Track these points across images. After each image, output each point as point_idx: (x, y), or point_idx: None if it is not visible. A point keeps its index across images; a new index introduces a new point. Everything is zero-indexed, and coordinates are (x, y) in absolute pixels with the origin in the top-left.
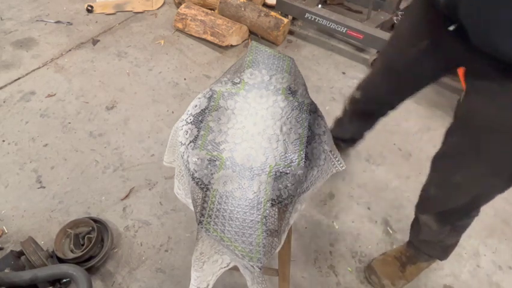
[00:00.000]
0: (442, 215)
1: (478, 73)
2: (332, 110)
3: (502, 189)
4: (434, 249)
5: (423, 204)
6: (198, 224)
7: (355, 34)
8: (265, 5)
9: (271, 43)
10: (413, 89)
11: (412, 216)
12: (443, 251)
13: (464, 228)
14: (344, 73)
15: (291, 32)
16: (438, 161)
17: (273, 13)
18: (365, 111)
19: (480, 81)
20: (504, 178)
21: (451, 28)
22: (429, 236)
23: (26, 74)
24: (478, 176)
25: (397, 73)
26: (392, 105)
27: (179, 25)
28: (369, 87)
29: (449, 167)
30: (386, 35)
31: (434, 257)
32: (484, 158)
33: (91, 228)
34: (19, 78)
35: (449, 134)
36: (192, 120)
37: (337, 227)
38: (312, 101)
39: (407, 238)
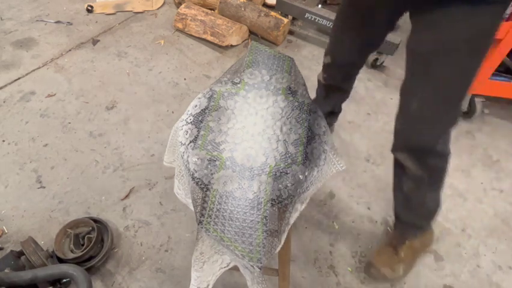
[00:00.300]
0: (415, 153)
1: (420, 7)
2: None
3: (454, 119)
4: (417, 216)
5: (396, 141)
6: (198, 224)
7: None
8: (265, 5)
9: (271, 43)
10: (374, 38)
11: None
12: (426, 218)
13: (440, 174)
14: None
15: (291, 32)
16: (400, 94)
17: (273, 13)
18: (338, 76)
19: (422, 13)
20: (453, 105)
21: None
22: (411, 184)
23: (26, 74)
24: (431, 104)
25: (357, 24)
26: (360, 62)
27: (179, 25)
28: (335, 48)
29: (407, 96)
30: None
31: (419, 227)
32: (433, 83)
33: (91, 228)
34: (19, 78)
35: (406, 68)
36: (192, 120)
37: (337, 227)
38: (312, 101)
39: None
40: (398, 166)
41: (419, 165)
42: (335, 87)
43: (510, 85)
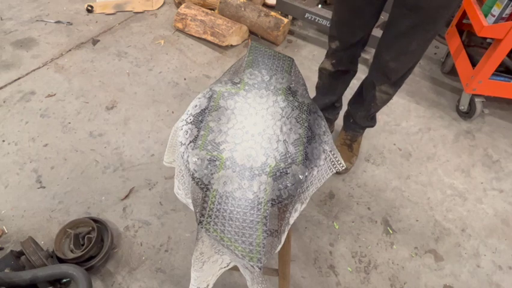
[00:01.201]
0: (398, 80)
1: None
2: None
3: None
4: (370, 120)
5: (385, 76)
6: (198, 224)
7: None
8: (265, 5)
9: (271, 43)
10: (376, 8)
11: (412, 216)
12: (374, 118)
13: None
14: None
15: (291, 32)
16: (394, 40)
17: (273, 13)
18: (346, 59)
19: None
20: (437, 31)
21: None
22: (382, 103)
23: (26, 74)
24: (427, 39)
25: (359, 1)
26: (366, 37)
27: (179, 25)
28: (342, 30)
29: (408, 41)
30: None
31: (369, 127)
32: (436, 27)
33: (91, 228)
34: (19, 78)
35: (401, 19)
36: (192, 120)
37: (337, 227)
38: (312, 101)
39: (407, 238)
40: (372, 94)
41: (396, 88)
42: (343, 71)
43: (510, 85)
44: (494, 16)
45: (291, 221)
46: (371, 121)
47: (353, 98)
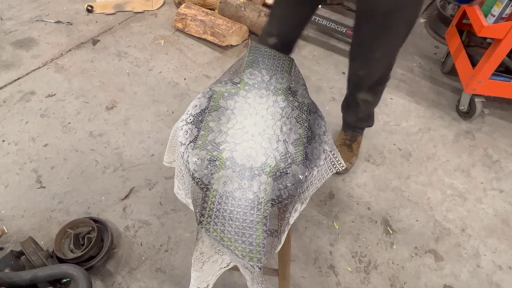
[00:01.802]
0: (372, 87)
1: None
2: (332, 110)
3: (400, 46)
4: (365, 121)
5: (358, 85)
6: (198, 224)
7: None
8: (265, 5)
9: None
10: (313, 4)
11: (412, 216)
12: (370, 118)
13: (383, 90)
14: (344, 73)
15: None
16: (358, 50)
17: None
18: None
19: None
20: (403, 39)
21: None
22: (367, 109)
23: (26, 74)
24: (391, 49)
25: None
26: (302, 33)
27: (179, 25)
28: (281, 26)
29: (369, 49)
30: None
31: (366, 127)
32: (393, 33)
33: (91, 228)
34: (19, 78)
35: (360, 27)
36: (192, 120)
37: (337, 227)
38: (312, 101)
39: (407, 238)
40: (353, 105)
41: (375, 95)
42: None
43: (510, 85)
44: (494, 16)
45: (291, 221)
46: (368, 121)
47: (343, 103)
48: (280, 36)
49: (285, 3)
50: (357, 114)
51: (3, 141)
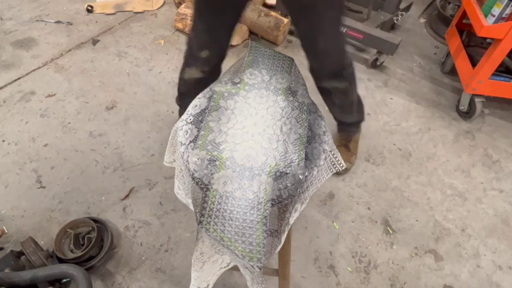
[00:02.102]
0: (334, 73)
1: None
2: None
3: (344, 38)
4: (353, 115)
5: (320, 76)
6: (198, 224)
7: (355, 34)
8: (265, 5)
9: (271, 43)
10: (240, 10)
11: (412, 216)
12: (359, 111)
13: (354, 77)
14: None
15: (291, 32)
16: (304, 44)
17: (273, 13)
18: (218, 65)
19: None
20: (341, 29)
21: None
22: (341, 96)
23: (26, 74)
24: (331, 36)
25: (223, 4)
26: (229, 41)
27: (179, 25)
28: (211, 37)
29: (312, 42)
30: (386, 35)
31: (357, 122)
32: (325, 21)
33: (91, 228)
34: (19, 78)
35: (295, 23)
36: (192, 120)
37: (337, 227)
38: (312, 101)
39: (407, 238)
40: (326, 92)
41: (341, 80)
42: (214, 78)
43: (510, 85)
44: (494, 16)
45: (291, 221)
46: (357, 114)
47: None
48: (213, 48)
49: (208, 14)
50: (335, 103)
51: (3, 141)
